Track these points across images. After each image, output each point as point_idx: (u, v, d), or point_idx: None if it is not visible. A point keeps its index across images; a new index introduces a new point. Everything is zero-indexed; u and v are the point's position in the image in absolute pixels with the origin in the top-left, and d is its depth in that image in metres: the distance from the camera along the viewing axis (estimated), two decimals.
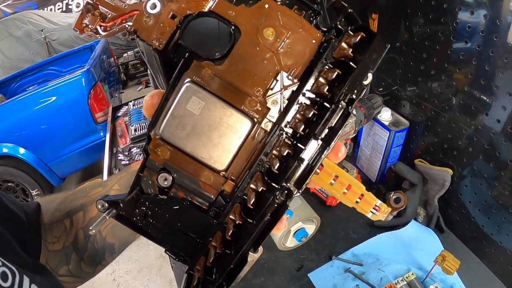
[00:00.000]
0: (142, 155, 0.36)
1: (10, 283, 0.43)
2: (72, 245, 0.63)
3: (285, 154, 0.33)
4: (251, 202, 0.34)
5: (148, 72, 3.02)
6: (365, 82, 0.30)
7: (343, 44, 0.31)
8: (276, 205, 0.32)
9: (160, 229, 0.37)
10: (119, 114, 2.69)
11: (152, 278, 2.56)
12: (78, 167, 3.22)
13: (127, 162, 2.09)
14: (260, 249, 0.33)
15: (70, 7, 6.10)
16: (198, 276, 0.37)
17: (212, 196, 0.36)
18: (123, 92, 3.98)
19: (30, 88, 3.36)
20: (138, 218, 0.36)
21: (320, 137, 0.31)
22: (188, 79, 0.32)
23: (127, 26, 0.32)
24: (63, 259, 0.62)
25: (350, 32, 0.32)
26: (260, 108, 0.33)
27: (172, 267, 1.14)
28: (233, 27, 0.32)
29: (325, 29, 0.33)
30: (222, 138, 0.33)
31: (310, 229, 1.08)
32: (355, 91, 0.30)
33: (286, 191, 0.32)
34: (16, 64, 4.50)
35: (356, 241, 1.10)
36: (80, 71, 2.95)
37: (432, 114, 1.09)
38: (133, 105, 2.72)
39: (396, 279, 0.93)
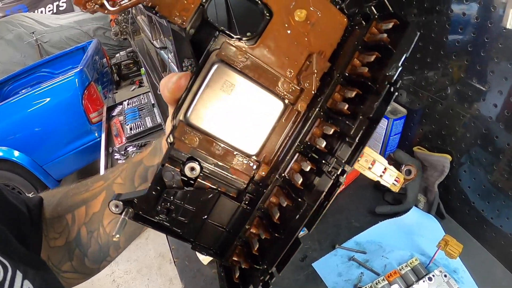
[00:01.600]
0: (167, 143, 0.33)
1: (2, 278, 0.42)
2: (74, 241, 0.61)
3: (331, 132, 0.31)
4: (299, 182, 0.32)
5: (142, 70, 3.00)
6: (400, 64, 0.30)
7: (374, 29, 0.31)
8: (331, 182, 0.30)
9: (185, 224, 0.35)
10: (114, 113, 2.68)
11: (152, 277, 2.55)
12: (74, 169, 3.19)
13: (124, 161, 2.08)
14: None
15: (61, 8, 6.05)
16: (240, 267, 0.35)
17: (244, 183, 0.34)
18: (116, 93, 3.96)
19: (23, 91, 3.32)
20: (160, 215, 0.34)
21: (368, 116, 0.29)
22: (219, 59, 0.30)
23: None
24: (65, 255, 0.61)
25: (378, 18, 0.31)
26: (293, 90, 0.32)
27: (174, 262, 1.13)
28: (265, 8, 0.30)
29: (349, 14, 0.33)
30: (254, 121, 0.32)
31: None
32: (394, 71, 0.29)
33: (338, 168, 0.30)
34: (8, 67, 4.45)
35: (358, 229, 1.10)
36: (73, 71, 2.92)
37: (429, 102, 1.10)
38: (128, 104, 2.71)
39: (400, 265, 0.94)
